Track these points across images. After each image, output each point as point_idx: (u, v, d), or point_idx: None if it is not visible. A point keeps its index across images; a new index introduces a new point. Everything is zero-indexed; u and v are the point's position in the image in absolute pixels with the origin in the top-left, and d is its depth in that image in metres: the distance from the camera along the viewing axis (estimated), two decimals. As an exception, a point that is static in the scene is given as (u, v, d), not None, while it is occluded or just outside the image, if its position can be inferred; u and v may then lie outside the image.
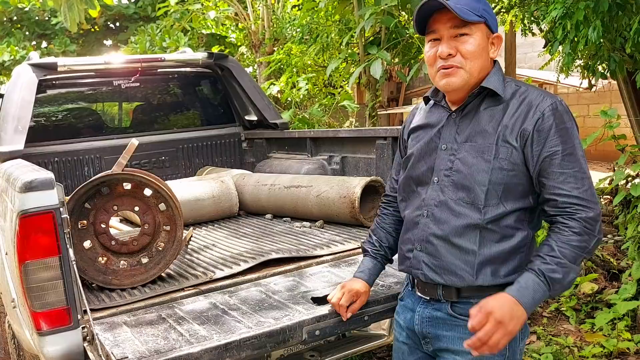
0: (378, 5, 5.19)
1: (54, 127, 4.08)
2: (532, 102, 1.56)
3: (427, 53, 1.65)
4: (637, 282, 3.63)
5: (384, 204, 1.98)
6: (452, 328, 1.65)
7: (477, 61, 1.58)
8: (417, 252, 1.69)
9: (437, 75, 1.63)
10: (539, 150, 1.53)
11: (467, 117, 1.64)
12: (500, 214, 1.57)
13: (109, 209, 2.37)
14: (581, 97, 11.80)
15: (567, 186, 1.51)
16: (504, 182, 1.56)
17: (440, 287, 1.65)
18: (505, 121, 1.57)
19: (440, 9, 1.57)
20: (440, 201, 1.64)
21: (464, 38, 1.57)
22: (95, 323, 1.98)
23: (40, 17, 14.14)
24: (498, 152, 1.56)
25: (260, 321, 1.90)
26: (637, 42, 4.24)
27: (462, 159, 1.62)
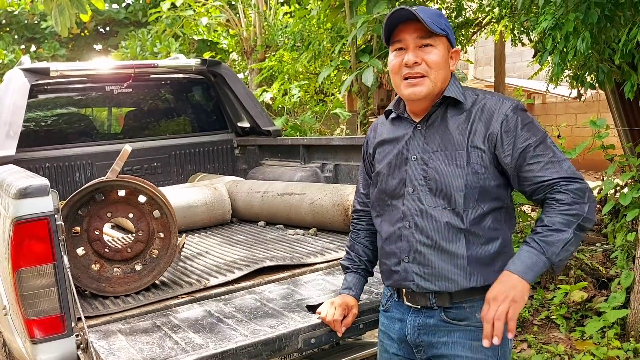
0: (370, 13, 5.23)
1: (46, 132, 4.05)
2: (493, 106, 1.64)
3: (391, 62, 1.70)
4: (626, 291, 3.67)
5: (355, 219, 1.99)
6: (445, 334, 1.67)
7: (440, 71, 1.66)
8: (405, 264, 1.70)
9: (402, 85, 1.68)
10: (510, 148, 1.60)
11: (433, 127, 1.70)
12: (480, 216, 1.63)
13: (103, 216, 2.36)
14: (569, 106, 11.94)
15: (547, 172, 1.58)
16: (479, 185, 1.62)
17: (433, 294, 1.67)
18: (471, 127, 1.64)
19: (406, 20, 1.64)
20: (420, 210, 1.67)
21: (428, 49, 1.65)
22: (90, 331, 1.97)
23: (29, 21, 14.06)
24: (470, 158, 1.63)
25: (255, 329, 1.90)
26: (626, 53, 4.31)
27: (435, 167, 1.66)
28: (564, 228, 1.54)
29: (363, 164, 1.97)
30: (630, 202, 3.72)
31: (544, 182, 1.58)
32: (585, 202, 1.56)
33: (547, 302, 4.14)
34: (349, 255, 1.98)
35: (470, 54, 14.69)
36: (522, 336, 3.73)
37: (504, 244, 1.66)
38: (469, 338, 1.65)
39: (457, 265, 1.63)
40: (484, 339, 1.54)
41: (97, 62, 3.94)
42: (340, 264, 2.01)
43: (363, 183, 1.98)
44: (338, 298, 1.94)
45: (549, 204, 1.58)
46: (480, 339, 1.56)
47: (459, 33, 7.23)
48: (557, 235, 1.54)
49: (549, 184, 1.58)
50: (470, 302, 1.64)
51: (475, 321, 1.64)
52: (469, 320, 1.65)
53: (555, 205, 1.56)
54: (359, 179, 2.01)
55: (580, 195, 1.56)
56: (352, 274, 1.97)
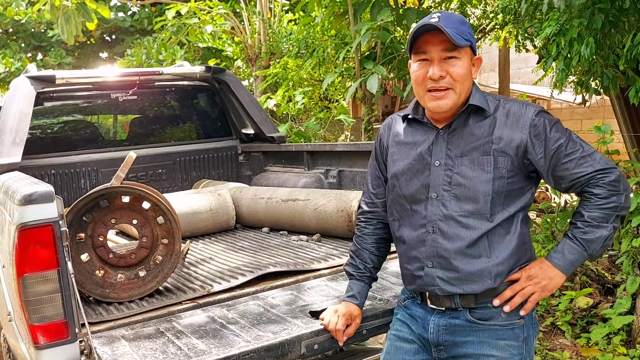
0: (374, 20, 5.25)
1: (51, 139, 4.08)
2: (517, 112, 1.68)
3: (415, 72, 1.71)
4: (632, 297, 3.64)
5: (363, 222, 1.97)
6: (470, 333, 1.70)
7: (465, 83, 1.67)
8: (428, 269, 1.72)
9: (426, 96, 1.70)
10: (543, 151, 1.65)
11: (456, 133, 1.72)
12: (505, 219, 1.67)
13: (107, 222, 2.37)
14: (574, 112, 11.92)
15: (582, 168, 1.65)
16: (505, 190, 1.66)
17: (458, 296, 1.70)
18: (497, 133, 1.67)
19: (431, 31, 1.63)
20: (444, 215, 1.69)
21: (453, 61, 1.65)
22: (93, 337, 1.98)
23: (36, 29, 14.18)
24: (497, 163, 1.65)
25: (259, 335, 1.90)
26: (630, 59, 4.31)
27: (460, 173, 1.68)
28: (604, 224, 1.64)
29: (375, 161, 1.95)
30: (636, 207, 3.70)
31: (580, 177, 1.65)
32: (621, 192, 1.64)
33: (553, 308, 4.12)
34: (354, 262, 1.96)
35: (475, 60, 14.68)
36: (528, 343, 3.72)
37: (524, 240, 1.71)
38: (495, 337, 1.68)
39: (482, 268, 1.66)
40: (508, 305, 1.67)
41: (102, 70, 3.96)
42: (345, 269, 1.99)
43: (374, 183, 1.96)
44: (342, 306, 1.92)
45: (587, 198, 1.66)
46: (506, 338, 1.66)
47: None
48: (597, 232, 1.64)
49: (585, 179, 1.64)
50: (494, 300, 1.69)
51: (501, 320, 1.69)
52: (495, 319, 1.69)
53: (593, 200, 1.64)
54: (368, 179, 1.98)
55: (615, 186, 1.63)
56: (356, 281, 1.95)
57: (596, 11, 4.38)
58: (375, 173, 1.96)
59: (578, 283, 4.35)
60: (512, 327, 1.69)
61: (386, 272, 2.52)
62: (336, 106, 6.65)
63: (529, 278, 1.68)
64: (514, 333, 1.69)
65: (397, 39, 5.72)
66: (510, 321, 1.69)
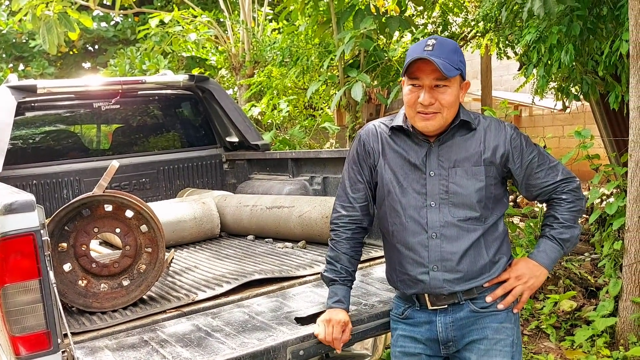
0: (357, 29, 5.29)
1: (33, 149, 4.04)
2: (497, 127, 1.88)
3: (407, 95, 1.83)
4: (615, 299, 3.69)
5: (340, 227, 1.99)
6: (475, 322, 1.86)
7: (452, 109, 1.82)
8: (434, 272, 1.83)
9: (416, 117, 1.83)
10: (520, 162, 1.86)
11: (446, 146, 1.86)
12: (494, 221, 1.86)
13: (90, 231, 2.35)
14: (556, 118, 12.07)
15: (549, 177, 1.88)
16: (493, 195, 1.85)
17: (461, 292, 1.84)
18: (484, 145, 1.85)
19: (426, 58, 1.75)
20: (446, 222, 1.82)
21: (443, 89, 1.78)
22: (76, 347, 1.95)
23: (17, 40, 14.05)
24: (487, 172, 1.84)
25: (244, 342, 1.89)
26: (609, 65, 4.39)
27: (456, 182, 1.83)
28: (574, 224, 1.88)
29: (356, 166, 1.98)
30: (616, 211, 3.76)
31: (549, 185, 1.88)
32: (581, 197, 1.91)
33: (537, 311, 4.15)
34: (334, 267, 1.97)
35: (458, 67, 14.83)
36: (513, 346, 3.74)
37: (506, 236, 1.92)
38: (495, 321, 1.86)
39: (482, 266, 1.84)
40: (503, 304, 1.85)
41: (84, 79, 3.94)
42: (324, 275, 2.00)
43: (353, 187, 1.98)
44: (333, 314, 1.93)
45: (557, 202, 1.89)
46: (503, 321, 1.85)
47: (445, 47, 7.32)
48: (570, 232, 1.88)
49: (552, 187, 1.88)
50: (492, 290, 1.87)
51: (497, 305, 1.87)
52: (493, 306, 1.87)
53: (563, 204, 1.88)
54: (346, 183, 2.00)
55: (577, 192, 1.90)
56: (340, 285, 1.97)
57: (575, 18, 4.47)
58: (355, 177, 1.98)
59: (562, 286, 4.40)
60: (507, 311, 1.88)
61: (371, 277, 2.53)
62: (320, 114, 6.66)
63: (517, 278, 1.87)
64: (508, 316, 1.88)
65: (380, 46, 5.76)
66: None
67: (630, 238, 3.51)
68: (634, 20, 3.47)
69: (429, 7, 7.13)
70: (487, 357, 1.82)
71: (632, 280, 3.53)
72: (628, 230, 3.51)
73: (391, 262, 1.96)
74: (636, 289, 3.52)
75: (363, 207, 1.98)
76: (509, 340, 1.85)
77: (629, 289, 3.54)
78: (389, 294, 2.25)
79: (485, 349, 1.83)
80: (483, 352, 1.83)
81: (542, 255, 1.89)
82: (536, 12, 4.09)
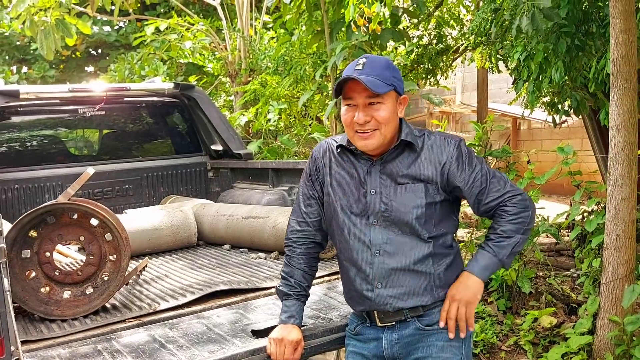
0: (349, 40, 5.31)
1: (16, 154, 4.06)
2: (441, 144, 1.86)
3: (344, 115, 1.84)
4: (593, 317, 3.66)
5: (294, 242, 2.00)
6: (420, 340, 1.84)
7: (390, 125, 1.81)
8: (378, 289, 1.83)
9: (355, 137, 1.84)
10: (464, 177, 1.83)
11: (388, 164, 1.86)
12: (440, 237, 1.84)
13: (54, 239, 2.36)
14: (554, 132, 12.05)
15: (493, 193, 1.84)
16: (436, 212, 1.83)
17: (407, 309, 1.83)
18: (425, 164, 1.84)
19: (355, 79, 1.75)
20: (389, 239, 1.83)
21: (377, 106, 1.79)
22: (29, 355, 1.96)
23: (21, 43, 14.16)
24: (427, 189, 1.82)
25: (193, 355, 1.89)
26: (599, 82, 4.39)
27: (396, 200, 1.82)
28: (513, 234, 1.82)
29: (308, 182, 2.01)
30: (596, 228, 3.74)
31: (494, 199, 1.84)
32: (528, 209, 1.84)
33: (517, 327, 4.13)
34: (289, 282, 1.97)
35: (458, 79, 14.86)
36: (489, 362, 3.72)
37: (456, 250, 1.91)
38: (441, 340, 1.83)
39: (427, 282, 1.82)
40: (449, 332, 1.82)
41: (68, 85, 3.96)
42: (278, 290, 1.99)
43: (306, 202, 2.01)
44: (285, 332, 1.92)
45: (499, 215, 1.84)
46: (448, 340, 1.82)
47: (439, 60, 7.34)
48: (507, 241, 1.82)
49: (498, 201, 1.84)
50: (439, 306, 1.85)
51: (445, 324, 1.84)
52: (438, 324, 1.84)
53: (505, 216, 1.83)
54: (300, 198, 2.02)
55: (523, 204, 1.83)
56: (294, 300, 1.97)
57: (562, 35, 4.47)
58: (308, 192, 2.00)
59: (543, 302, 4.37)
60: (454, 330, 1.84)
61: (336, 291, 2.52)
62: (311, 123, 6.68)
63: (452, 299, 1.83)
64: (456, 335, 1.84)
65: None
66: None
67: (608, 256, 3.49)
68: (615, 38, 3.47)
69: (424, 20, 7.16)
70: None
71: (609, 299, 3.51)
72: (606, 248, 3.49)
73: (342, 278, 1.97)
74: (613, 307, 3.50)
75: (316, 222, 1.99)
76: (456, 359, 1.83)
77: (607, 307, 3.52)
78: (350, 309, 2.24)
79: None
80: None
81: (472, 263, 1.86)
82: (524, 29, 4.09)
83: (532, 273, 4.36)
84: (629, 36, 3.41)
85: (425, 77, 7.46)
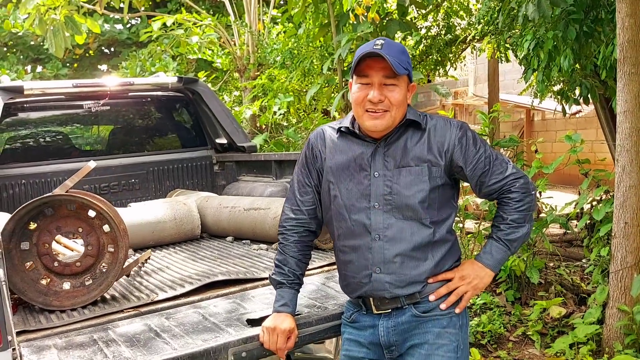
0: (355, 32, 5.27)
1: (23, 149, 4.10)
2: (444, 127, 1.84)
3: (355, 93, 1.81)
4: (602, 307, 3.61)
5: (289, 230, 1.98)
6: (416, 327, 1.83)
7: (400, 109, 1.81)
8: (377, 274, 1.81)
9: (364, 116, 1.81)
10: (467, 160, 1.82)
11: (392, 146, 1.84)
12: (440, 223, 1.83)
13: (52, 230, 2.37)
14: (569, 122, 11.89)
15: (497, 175, 1.84)
16: (439, 196, 1.82)
17: (403, 296, 1.81)
18: (428, 146, 1.82)
19: (375, 57, 1.74)
20: (389, 223, 1.80)
21: (392, 87, 1.78)
22: (25, 345, 1.98)
23: (35, 42, 14.31)
24: (431, 172, 1.81)
25: (187, 343, 1.89)
26: (608, 69, 4.31)
27: (399, 183, 1.80)
28: (522, 224, 1.83)
29: (304, 169, 1.99)
30: (604, 216, 3.68)
31: (497, 182, 1.83)
32: (531, 193, 1.85)
33: (525, 318, 4.08)
34: (282, 270, 1.96)
35: (470, 71, 14.72)
36: (496, 352, 3.68)
37: (454, 241, 1.89)
38: (437, 326, 1.82)
39: (425, 269, 1.81)
40: (444, 304, 1.82)
41: (72, 81, 3.99)
42: (271, 278, 1.98)
43: (301, 190, 1.98)
44: (278, 321, 1.90)
45: (505, 202, 1.84)
46: (445, 326, 1.82)
47: (448, 50, 7.28)
48: (518, 233, 1.83)
49: (500, 185, 1.83)
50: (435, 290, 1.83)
51: (441, 311, 1.83)
52: (436, 310, 1.83)
53: (511, 203, 1.83)
54: (295, 186, 2.00)
55: (526, 188, 1.84)
56: (287, 289, 1.95)
57: (570, 22, 4.40)
58: (303, 180, 1.97)
59: (553, 293, 4.32)
60: (450, 316, 1.84)
61: (334, 280, 2.51)
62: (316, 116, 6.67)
63: (462, 278, 1.84)
64: (452, 321, 1.84)
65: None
66: (448, 311, 1.84)
67: (616, 244, 3.43)
68: (621, 22, 3.40)
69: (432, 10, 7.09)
70: None
71: (618, 287, 3.46)
72: (614, 237, 3.44)
73: (339, 266, 1.95)
74: (622, 296, 3.44)
75: (311, 210, 1.97)
76: (453, 346, 1.81)
77: (616, 296, 3.46)
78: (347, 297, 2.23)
79: (426, 353, 1.80)
80: (424, 356, 1.80)
81: (488, 256, 1.86)
82: (530, 16, 4.03)
83: (542, 264, 4.30)
84: (635, 20, 3.34)
85: (434, 68, 7.40)
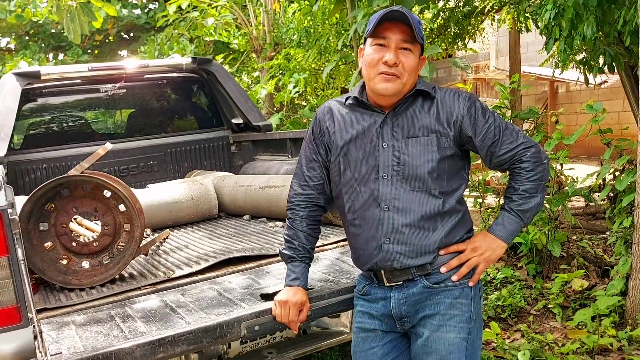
0: (371, 6, 5.20)
1: (42, 134, 4.17)
2: (452, 97, 1.83)
3: (370, 55, 1.78)
4: (625, 278, 3.55)
5: (297, 205, 1.98)
6: (428, 298, 1.82)
7: (412, 76, 1.79)
8: (386, 245, 1.81)
9: (377, 78, 1.78)
10: (477, 131, 1.80)
11: (400, 117, 1.82)
12: (450, 193, 1.82)
13: (69, 211, 2.42)
14: (593, 93, 11.61)
15: (507, 144, 1.81)
16: (448, 166, 1.81)
17: (414, 267, 1.80)
18: (437, 117, 1.81)
19: (395, 20, 1.73)
20: (398, 194, 1.80)
21: (407, 52, 1.77)
22: (46, 322, 2.03)
23: (55, 30, 14.47)
24: (440, 143, 1.79)
25: (201, 317, 1.92)
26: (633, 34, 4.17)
27: (407, 153, 1.79)
28: (535, 194, 1.81)
29: (312, 145, 1.98)
30: (627, 187, 3.60)
31: (508, 152, 1.81)
32: (542, 162, 1.82)
33: (547, 291, 4.04)
34: (292, 245, 1.96)
35: (492, 44, 14.44)
36: (517, 326, 3.66)
37: (465, 212, 1.88)
38: (449, 297, 1.81)
39: (435, 239, 1.80)
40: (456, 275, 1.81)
41: (88, 65, 4.02)
42: (282, 253, 1.99)
43: (309, 165, 1.98)
44: (290, 294, 1.91)
45: (517, 172, 1.82)
46: (457, 297, 1.81)
47: (466, 23, 7.13)
48: (530, 203, 1.81)
49: (512, 154, 1.81)
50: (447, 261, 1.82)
51: (451, 281, 1.82)
52: (447, 281, 1.82)
53: (523, 174, 1.80)
54: (302, 162, 2.00)
55: (538, 157, 1.81)
56: (298, 262, 1.96)
57: (592, -13, 4.26)
58: (311, 156, 1.97)
59: (575, 266, 4.26)
60: (462, 287, 1.82)
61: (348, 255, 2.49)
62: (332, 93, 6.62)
63: (474, 250, 1.82)
64: (464, 292, 1.82)
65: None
66: (460, 282, 1.82)
67: (639, 214, 3.36)
68: (643, -15, 3.28)
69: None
70: (440, 333, 1.79)
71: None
72: (637, 207, 3.36)
73: (349, 239, 1.95)
74: (646, 267, 3.38)
75: (319, 185, 1.97)
76: (465, 316, 1.80)
77: (638, 267, 3.40)
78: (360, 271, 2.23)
79: (437, 324, 1.80)
80: (436, 327, 1.80)
81: (500, 228, 1.84)
82: (550, -18, 3.92)
83: (564, 237, 4.24)
84: (657, -19, 3.22)
85: (453, 42, 7.27)
